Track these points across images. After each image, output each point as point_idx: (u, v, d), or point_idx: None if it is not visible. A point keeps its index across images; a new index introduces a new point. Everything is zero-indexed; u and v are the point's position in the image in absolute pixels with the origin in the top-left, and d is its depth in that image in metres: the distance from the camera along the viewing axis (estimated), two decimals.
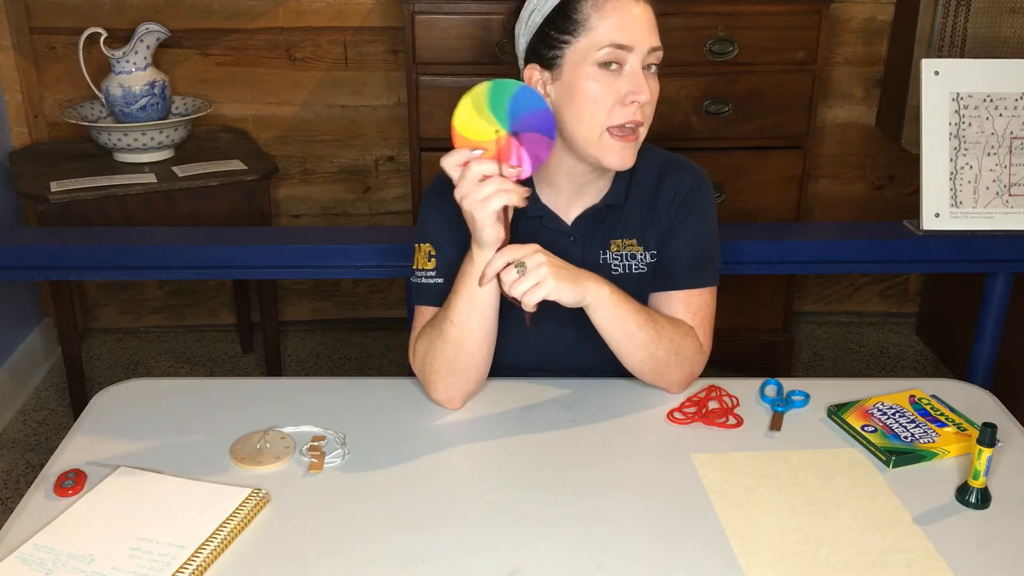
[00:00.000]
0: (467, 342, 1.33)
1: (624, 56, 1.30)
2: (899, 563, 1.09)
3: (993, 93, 1.98)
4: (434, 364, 1.35)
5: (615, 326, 1.33)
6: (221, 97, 2.87)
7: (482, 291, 1.30)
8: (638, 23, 1.30)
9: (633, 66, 1.30)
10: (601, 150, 1.33)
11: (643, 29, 1.30)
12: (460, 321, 1.32)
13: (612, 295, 1.32)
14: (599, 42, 1.30)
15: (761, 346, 2.76)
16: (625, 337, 1.34)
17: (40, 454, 2.49)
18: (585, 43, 1.31)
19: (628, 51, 1.30)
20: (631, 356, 1.37)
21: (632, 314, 1.33)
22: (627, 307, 1.33)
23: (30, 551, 1.08)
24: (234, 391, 1.45)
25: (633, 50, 1.30)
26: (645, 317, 1.35)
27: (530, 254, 1.25)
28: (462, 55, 2.42)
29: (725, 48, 2.44)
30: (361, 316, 3.17)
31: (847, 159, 3.03)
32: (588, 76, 1.31)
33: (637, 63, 1.30)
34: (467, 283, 1.30)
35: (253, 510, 1.15)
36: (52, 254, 1.96)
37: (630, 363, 1.38)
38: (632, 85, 1.30)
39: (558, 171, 1.40)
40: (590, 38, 1.30)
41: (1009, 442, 1.32)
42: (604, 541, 1.12)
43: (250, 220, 2.52)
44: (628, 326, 1.33)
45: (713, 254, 1.46)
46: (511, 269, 1.25)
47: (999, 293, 2.05)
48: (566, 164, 1.38)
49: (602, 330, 1.35)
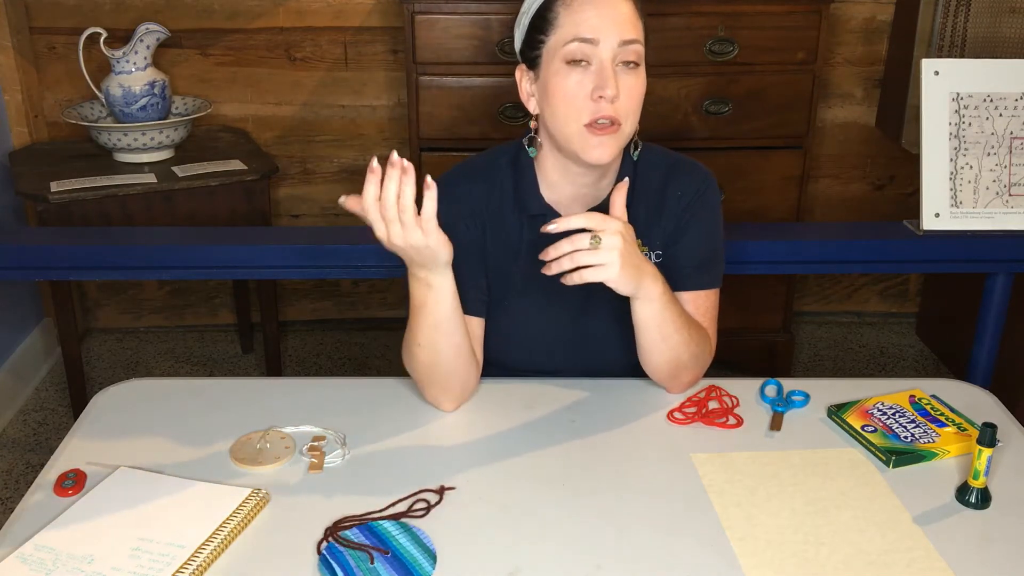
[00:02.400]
0: (439, 360, 1.33)
1: (591, 51, 1.29)
2: (899, 563, 1.09)
3: (993, 93, 1.98)
4: (414, 375, 1.37)
5: (656, 325, 1.33)
6: (221, 97, 2.87)
7: (446, 314, 1.30)
8: (605, 17, 1.29)
9: (601, 61, 1.29)
10: (579, 145, 1.32)
11: (611, 22, 1.29)
12: (427, 344, 1.32)
13: (663, 294, 1.32)
14: (565, 38, 1.30)
15: (761, 346, 2.76)
16: (661, 337, 1.34)
17: (40, 454, 2.49)
18: (555, 40, 1.31)
19: (593, 45, 1.29)
20: (658, 355, 1.36)
21: (675, 316, 1.34)
22: (673, 309, 1.34)
23: (30, 551, 1.08)
24: (234, 391, 1.45)
25: (599, 44, 1.29)
26: (684, 321, 1.36)
27: (611, 232, 1.23)
28: (462, 55, 2.42)
29: (725, 48, 2.44)
30: (361, 316, 3.17)
31: (847, 159, 3.03)
32: (557, 73, 1.31)
33: (606, 58, 1.29)
34: (430, 310, 1.29)
35: (253, 510, 1.15)
36: (52, 254, 1.96)
37: (652, 360, 1.38)
38: (598, 80, 1.29)
39: (554, 170, 1.40)
40: (559, 35, 1.31)
41: (1009, 442, 1.32)
42: (604, 541, 1.12)
43: (250, 220, 2.52)
44: (667, 327, 1.33)
45: (719, 255, 1.46)
46: (585, 237, 1.23)
47: (999, 293, 2.05)
48: (560, 162, 1.38)
49: (641, 324, 1.34)
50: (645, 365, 1.40)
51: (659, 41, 2.34)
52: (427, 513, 1.16)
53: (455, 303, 1.30)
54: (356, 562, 1.07)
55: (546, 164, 1.41)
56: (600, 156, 1.32)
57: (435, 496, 1.19)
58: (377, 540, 1.11)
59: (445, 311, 1.30)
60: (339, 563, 1.07)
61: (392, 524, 1.13)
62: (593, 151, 1.31)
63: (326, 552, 1.09)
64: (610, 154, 1.32)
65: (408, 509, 1.16)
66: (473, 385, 1.39)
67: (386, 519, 1.15)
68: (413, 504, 1.17)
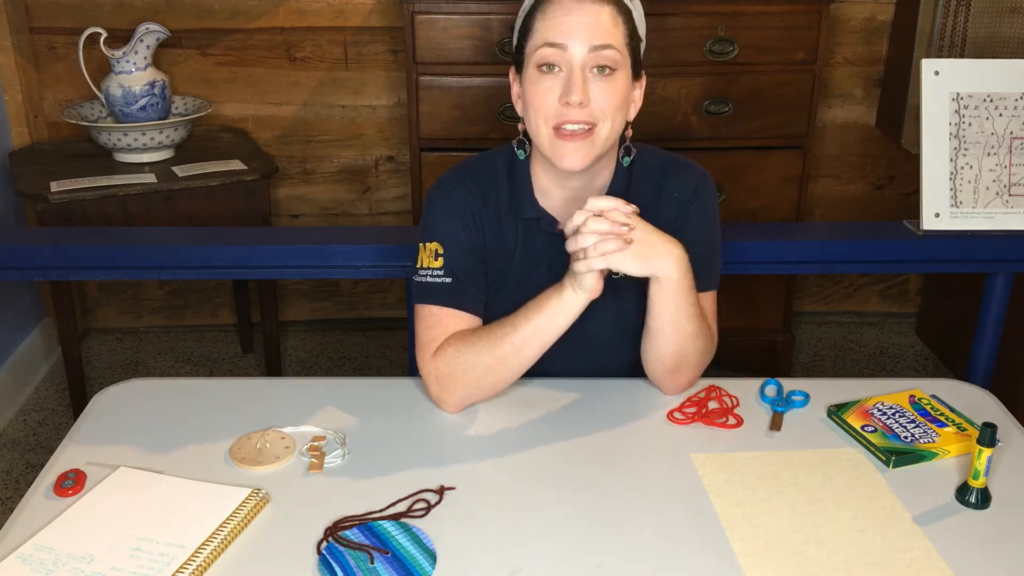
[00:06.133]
0: (514, 366, 1.33)
1: (560, 56, 1.29)
2: (899, 563, 1.09)
3: (993, 93, 1.98)
4: (467, 373, 1.34)
5: (669, 308, 1.33)
6: (221, 97, 2.87)
7: (553, 325, 1.30)
8: (576, 22, 1.29)
9: (572, 66, 1.29)
10: (550, 151, 1.33)
11: (582, 28, 1.29)
12: (520, 345, 1.31)
13: (683, 278, 1.31)
14: (537, 43, 1.31)
15: (761, 346, 2.76)
16: (672, 322, 1.34)
17: (40, 454, 2.49)
18: (530, 46, 1.33)
19: (562, 50, 1.29)
20: (665, 344, 1.36)
21: (690, 305, 1.33)
22: (688, 297, 1.33)
23: (30, 551, 1.08)
24: (234, 391, 1.45)
25: (567, 48, 1.29)
26: (698, 310, 1.35)
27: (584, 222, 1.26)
28: (462, 55, 2.42)
29: (725, 48, 2.44)
30: (361, 316, 3.17)
31: (847, 159, 3.03)
32: (530, 78, 1.32)
33: (576, 63, 1.29)
34: (545, 315, 1.30)
35: (253, 510, 1.15)
36: (52, 254, 1.96)
37: (658, 350, 1.37)
38: (566, 86, 1.29)
39: (544, 174, 1.41)
40: (533, 40, 1.32)
41: (1009, 442, 1.32)
42: (604, 541, 1.12)
43: (250, 220, 2.52)
44: (680, 313, 1.33)
45: (717, 256, 1.45)
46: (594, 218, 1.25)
47: (999, 293, 2.05)
48: (548, 166, 1.38)
49: (654, 306, 1.34)
50: (648, 356, 1.39)
51: (659, 41, 2.34)
52: (427, 513, 1.16)
53: (565, 328, 1.32)
54: (356, 562, 1.07)
55: (537, 169, 1.41)
56: (571, 163, 1.32)
57: (435, 496, 1.19)
58: (377, 540, 1.11)
59: (558, 328, 1.31)
60: (339, 563, 1.07)
61: (392, 524, 1.13)
62: (564, 158, 1.32)
63: (326, 552, 1.09)
64: (582, 161, 1.32)
65: (408, 509, 1.16)
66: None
67: (386, 519, 1.15)
68: (413, 504, 1.17)
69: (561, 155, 1.32)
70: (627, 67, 1.33)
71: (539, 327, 1.31)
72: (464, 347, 1.34)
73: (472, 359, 1.33)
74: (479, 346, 1.33)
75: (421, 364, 1.38)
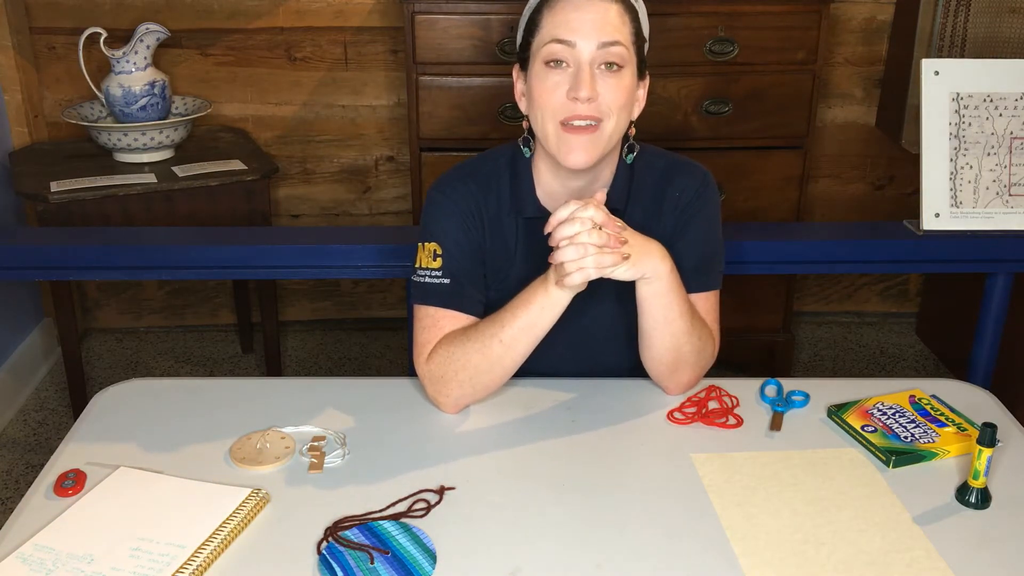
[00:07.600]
0: (506, 363, 1.33)
1: (569, 53, 1.30)
2: (899, 563, 1.09)
3: (993, 93, 1.99)
4: (459, 373, 1.34)
5: (660, 307, 1.33)
6: (221, 97, 2.87)
7: (541, 321, 1.30)
8: (584, 19, 1.29)
9: (580, 62, 1.29)
10: (556, 147, 1.33)
11: (590, 25, 1.29)
12: (509, 342, 1.31)
13: (671, 274, 1.31)
14: (545, 39, 1.31)
15: (761, 346, 2.76)
16: (664, 320, 1.33)
17: (40, 454, 2.49)
18: (536, 43, 1.33)
19: (570, 47, 1.29)
20: (659, 343, 1.36)
21: (680, 301, 1.33)
22: (678, 293, 1.33)
23: (30, 551, 1.08)
24: (234, 391, 1.45)
25: (575, 45, 1.29)
26: (689, 308, 1.35)
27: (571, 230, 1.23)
28: (462, 55, 2.42)
29: (725, 48, 2.44)
30: (361, 316, 3.17)
31: (847, 159, 3.03)
32: (537, 74, 1.33)
33: (584, 59, 1.29)
34: (530, 311, 1.30)
35: (253, 510, 1.15)
36: (52, 254, 1.96)
37: (654, 350, 1.37)
38: (574, 82, 1.29)
39: (547, 172, 1.40)
40: (540, 36, 1.32)
41: (1009, 442, 1.32)
42: (604, 541, 1.12)
43: (250, 220, 2.52)
44: (671, 311, 1.33)
45: (719, 256, 1.45)
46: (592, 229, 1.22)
47: (999, 293, 2.05)
48: (551, 165, 1.38)
49: (644, 305, 1.34)
50: (645, 357, 1.40)
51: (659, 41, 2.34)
52: (427, 513, 1.16)
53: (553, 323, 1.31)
54: (356, 562, 1.07)
55: (540, 167, 1.41)
56: (577, 160, 1.32)
57: (435, 496, 1.19)
58: (377, 540, 1.11)
59: (546, 324, 1.31)
60: (339, 563, 1.07)
61: (392, 524, 1.13)
62: (570, 155, 1.32)
63: (326, 552, 1.09)
64: (588, 158, 1.32)
65: (408, 509, 1.17)
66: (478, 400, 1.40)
67: (386, 519, 1.15)
68: (413, 504, 1.17)
69: (567, 150, 1.32)
70: (633, 65, 1.33)
71: (527, 323, 1.30)
72: (455, 348, 1.34)
73: (463, 359, 1.33)
74: (468, 346, 1.33)
75: (417, 366, 1.38)
